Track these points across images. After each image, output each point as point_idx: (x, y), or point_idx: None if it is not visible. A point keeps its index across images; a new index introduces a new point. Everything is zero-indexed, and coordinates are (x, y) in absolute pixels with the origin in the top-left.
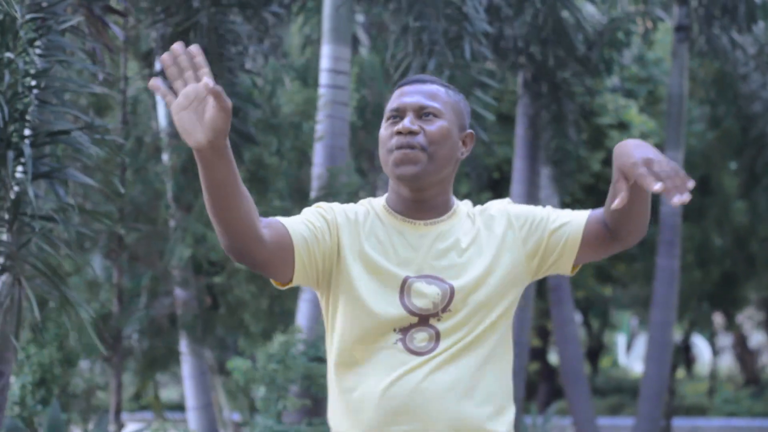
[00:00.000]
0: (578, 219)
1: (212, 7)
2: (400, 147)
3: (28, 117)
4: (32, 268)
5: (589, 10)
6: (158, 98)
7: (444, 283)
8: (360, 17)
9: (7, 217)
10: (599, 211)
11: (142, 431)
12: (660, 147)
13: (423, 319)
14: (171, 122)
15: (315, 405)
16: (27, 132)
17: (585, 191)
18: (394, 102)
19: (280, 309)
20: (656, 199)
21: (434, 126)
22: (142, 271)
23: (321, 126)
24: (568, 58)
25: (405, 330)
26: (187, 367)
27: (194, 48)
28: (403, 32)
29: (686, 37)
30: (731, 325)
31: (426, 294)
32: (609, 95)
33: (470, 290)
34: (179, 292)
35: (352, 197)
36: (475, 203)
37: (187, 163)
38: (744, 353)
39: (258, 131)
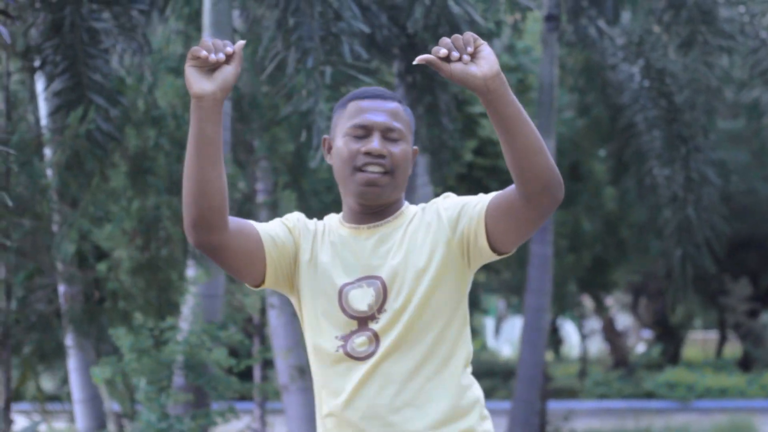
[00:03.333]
0: (491, 194)
1: (75, 3)
2: (367, 169)
3: None
4: None
5: None
6: (39, 92)
7: (379, 282)
8: (236, 10)
9: None
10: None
11: (33, 427)
12: None
13: (362, 322)
14: (53, 118)
15: (199, 396)
16: None
17: (458, 180)
18: (356, 117)
19: (168, 302)
20: None
21: (398, 149)
22: (23, 266)
23: None
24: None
25: (346, 337)
26: (72, 360)
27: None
28: (278, 28)
29: (556, 26)
30: (600, 309)
31: (361, 296)
32: None
33: (402, 286)
34: (64, 287)
35: (234, 189)
36: None
37: (71, 159)
38: (612, 336)
39: (139, 125)
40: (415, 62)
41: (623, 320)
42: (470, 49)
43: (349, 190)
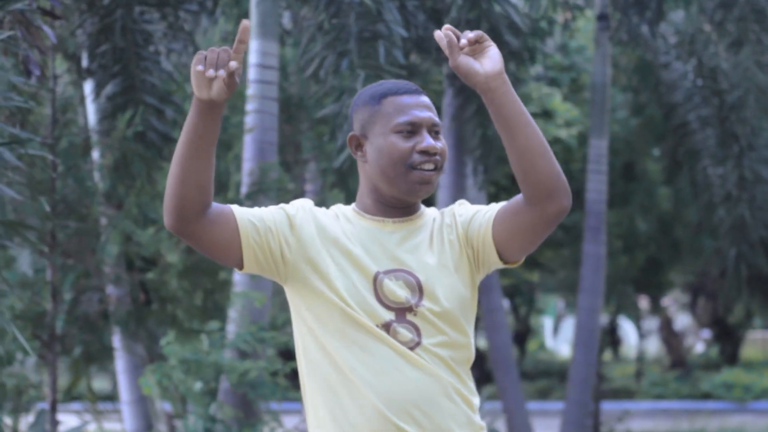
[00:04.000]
0: (499, 203)
1: (125, 7)
2: (424, 167)
3: None
4: None
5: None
6: (87, 95)
7: (412, 277)
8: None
9: None
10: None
11: (79, 428)
12: (584, 135)
13: (399, 313)
14: (101, 120)
15: (246, 401)
16: None
17: (511, 180)
18: (403, 113)
19: (213, 304)
20: (581, 186)
21: (442, 144)
22: (71, 268)
23: (250, 121)
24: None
25: (387, 325)
26: (120, 362)
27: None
28: (318, 29)
29: (608, 25)
30: (656, 309)
31: (396, 287)
32: (533, 84)
33: (436, 287)
34: (112, 289)
35: (283, 193)
36: None
37: (118, 161)
38: (670, 336)
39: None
40: (436, 38)
41: (682, 320)
42: (471, 36)
43: (399, 188)
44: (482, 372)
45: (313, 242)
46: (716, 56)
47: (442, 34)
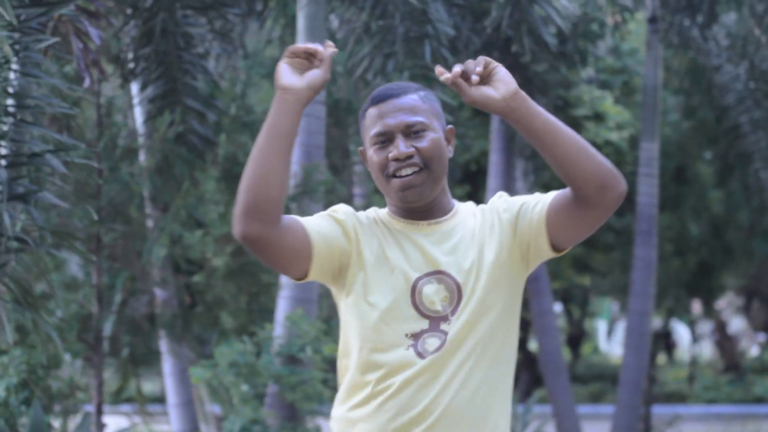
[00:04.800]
0: (550, 194)
1: (168, 10)
2: (400, 174)
3: (4, 138)
4: (6, 290)
5: (563, 2)
6: (134, 99)
7: (451, 280)
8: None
9: None
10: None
11: (127, 430)
12: (636, 138)
13: (433, 322)
14: (147, 123)
15: (291, 411)
16: (4, 152)
17: (561, 183)
18: (375, 125)
19: (258, 307)
20: (633, 189)
21: (425, 141)
22: (119, 271)
23: None
24: (542, 53)
25: (417, 335)
26: (167, 364)
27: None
28: (365, 31)
29: (659, 28)
30: (710, 312)
31: (434, 293)
32: (584, 87)
33: (475, 290)
34: (158, 292)
35: (329, 195)
36: (452, 197)
37: (162, 164)
38: (723, 339)
39: (231, 130)
40: (442, 79)
41: (736, 323)
42: (479, 69)
43: (390, 196)
44: (533, 375)
45: (359, 249)
46: None
47: (448, 75)
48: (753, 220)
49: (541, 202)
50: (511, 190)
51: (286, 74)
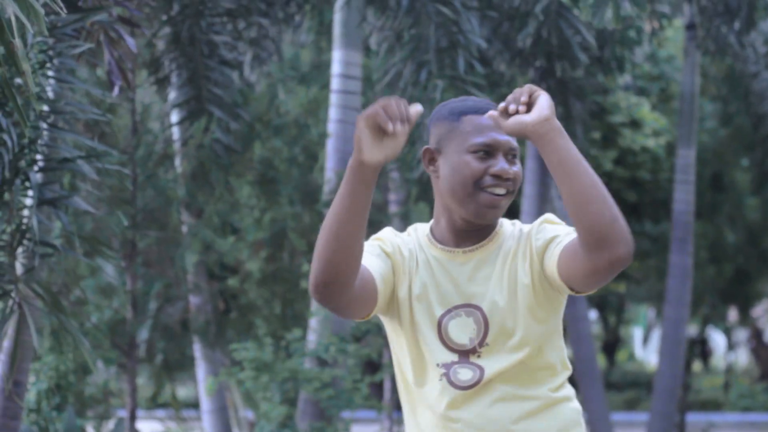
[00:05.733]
0: (571, 233)
1: (193, 18)
2: (493, 191)
3: (39, 144)
4: (35, 294)
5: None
6: (170, 106)
7: (480, 313)
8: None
9: (12, 242)
10: None
11: None
12: (672, 144)
13: (462, 355)
14: (181, 128)
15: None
16: (38, 157)
17: None
18: (482, 134)
19: (292, 313)
20: (669, 196)
21: (517, 168)
22: (155, 277)
23: (332, 130)
24: (575, 61)
25: (448, 366)
26: (201, 370)
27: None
28: (397, 40)
29: (696, 35)
30: (746, 320)
31: (461, 327)
32: (621, 93)
33: (506, 321)
34: (192, 298)
35: None
36: None
37: (197, 170)
38: (759, 347)
39: (265, 134)
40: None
41: None
42: (524, 99)
43: (467, 208)
44: (569, 382)
45: (401, 282)
46: None
47: (491, 114)
48: None
49: (563, 240)
50: (547, 196)
51: (367, 146)
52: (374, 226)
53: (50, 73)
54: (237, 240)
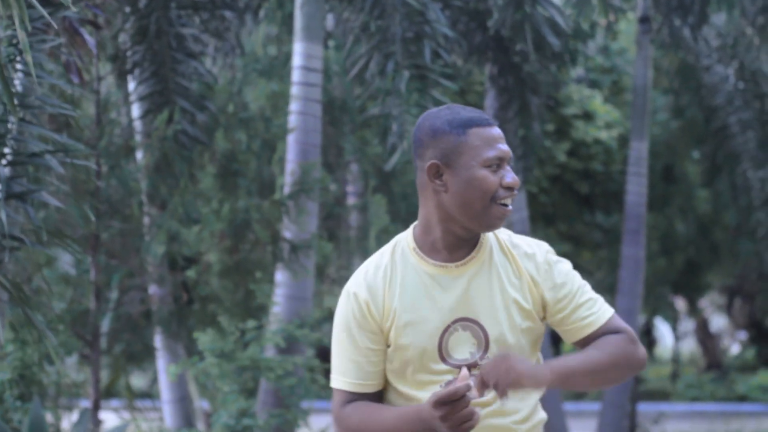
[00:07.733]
0: (590, 321)
1: (161, 10)
2: (506, 203)
3: (8, 138)
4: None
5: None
6: (132, 97)
7: (478, 327)
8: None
9: None
10: (606, 329)
11: (122, 428)
12: (624, 137)
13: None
14: (143, 121)
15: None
16: (6, 150)
17: (551, 181)
18: (492, 147)
19: (255, 304)
20: (621, 188)
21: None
22: (116, 268)
23: (294, 122)
24: (537, 52)
25: (449, 383)
26: (162, 361)
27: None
28: (363, 31)
29: (650, 28)
30: (693, 311)
31: (460, 341)
32: (574, 86)
33: (505, 337)
34: (154, 289)
35: (324, 192)
36: None
37: (160, 162)
38: (706, 337)
39: (228, 127)
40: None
41: (718, 322)
42: (502, 392)
43: (479, 221)
44: None
45: (388, 322)
46: (758, 59)
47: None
48: (740, 219)
49: (587, 318)
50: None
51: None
52: (333, 219)
53: (19, 66)
54: (200, 230)
